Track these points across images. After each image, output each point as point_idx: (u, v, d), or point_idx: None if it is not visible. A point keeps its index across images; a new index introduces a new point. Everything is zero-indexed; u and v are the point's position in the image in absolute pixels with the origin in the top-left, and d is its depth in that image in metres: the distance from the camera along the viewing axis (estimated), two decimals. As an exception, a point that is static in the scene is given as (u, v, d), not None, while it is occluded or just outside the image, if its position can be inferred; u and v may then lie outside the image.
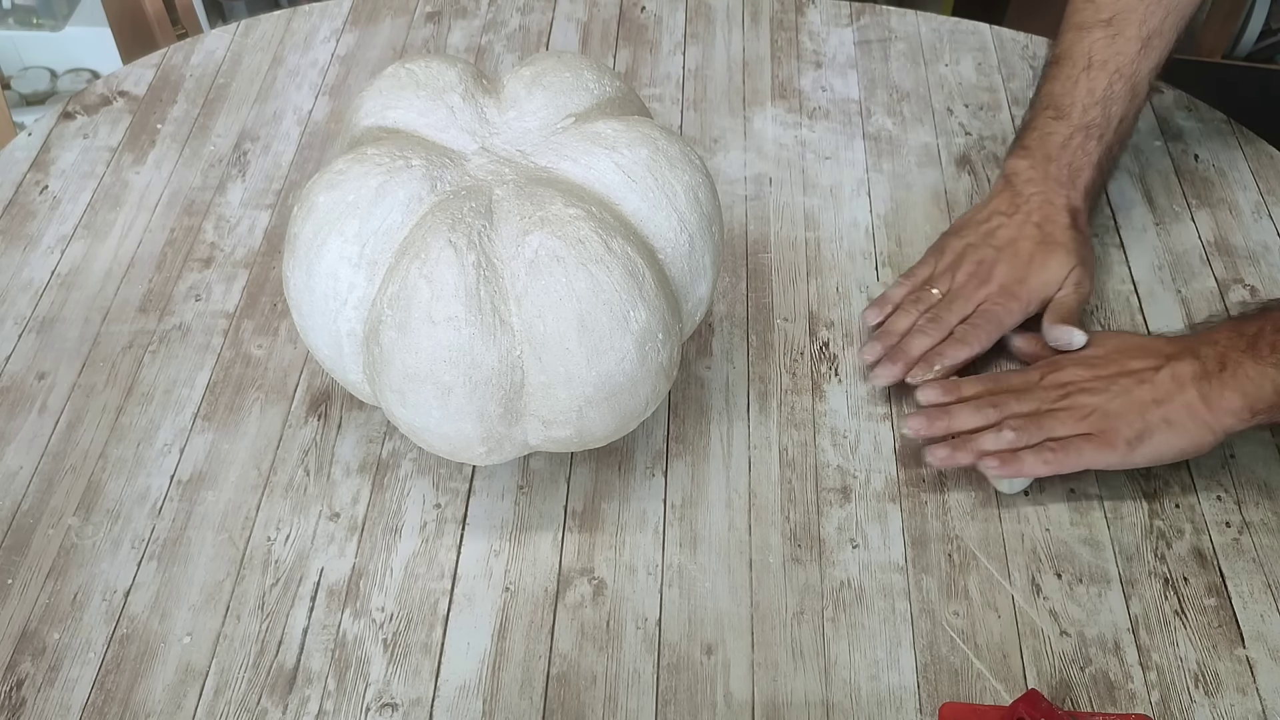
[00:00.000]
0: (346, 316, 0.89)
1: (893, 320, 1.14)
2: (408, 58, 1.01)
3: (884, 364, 1.10)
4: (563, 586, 0.97)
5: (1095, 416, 1.01)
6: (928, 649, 0.94)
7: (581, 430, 0.91)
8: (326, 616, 0.95)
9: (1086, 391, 1.03)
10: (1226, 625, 0.95)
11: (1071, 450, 1.00)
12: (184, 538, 1.00)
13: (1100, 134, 1.17)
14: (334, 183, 0.89)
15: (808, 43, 1.49)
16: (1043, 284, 1.12)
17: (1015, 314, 1.12)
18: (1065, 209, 1.15)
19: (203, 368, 1.12)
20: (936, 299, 1.14)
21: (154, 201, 1.28)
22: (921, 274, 1.17)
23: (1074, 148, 1.17)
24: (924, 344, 1.10)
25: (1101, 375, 1.03)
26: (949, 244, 1.17)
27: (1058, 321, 1.10)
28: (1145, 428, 0.99)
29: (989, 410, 1.04)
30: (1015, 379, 1.08)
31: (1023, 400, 1.04)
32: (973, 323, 1.11)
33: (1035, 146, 1.19)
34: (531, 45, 1.50)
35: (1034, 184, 1.17)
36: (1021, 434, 1.01)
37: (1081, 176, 1.17)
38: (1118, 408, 1.00)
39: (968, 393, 1.07)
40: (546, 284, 0.84)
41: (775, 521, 1.01)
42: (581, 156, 0.91)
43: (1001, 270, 1.13)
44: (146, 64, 1.47)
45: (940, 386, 1.08)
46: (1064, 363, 1.07)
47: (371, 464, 1.05)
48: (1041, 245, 1.13)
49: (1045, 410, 1.03)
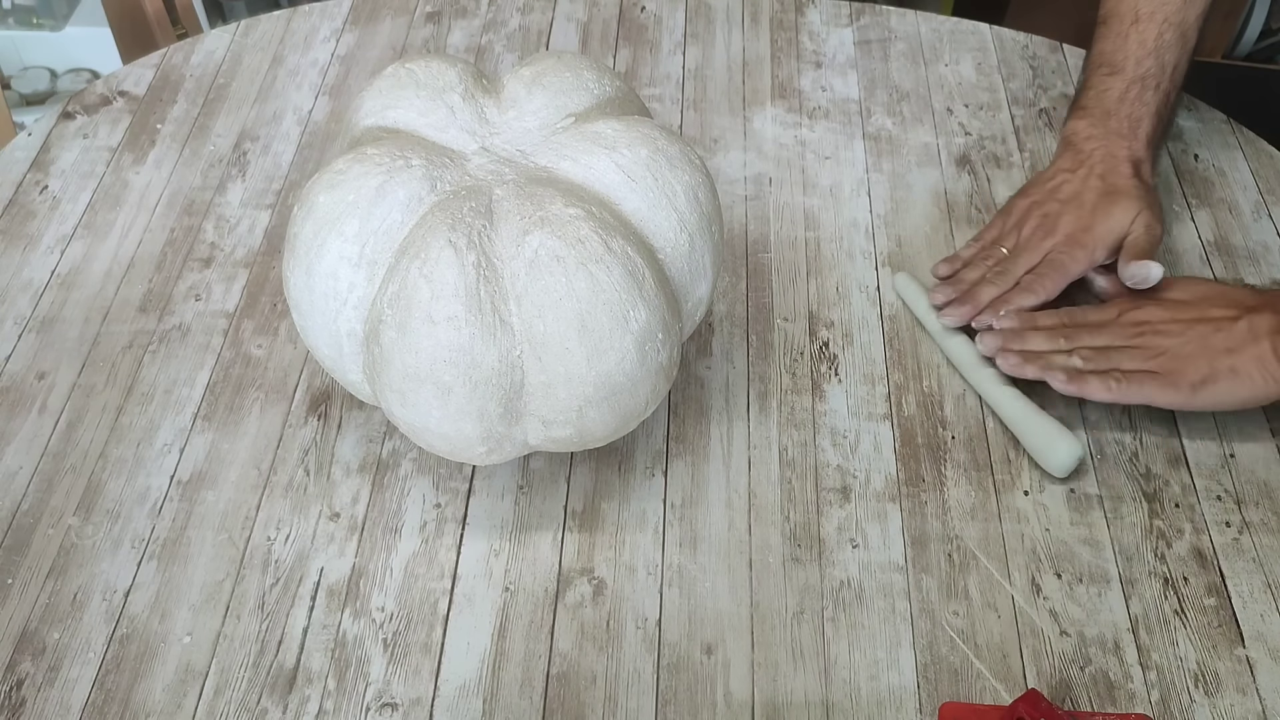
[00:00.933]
0: (346, 316, 0.89)
1: (962, 273, 1.16)
2: (408, 57, 1.01)
3: (954, 305, 1.12)
4: (563, 586, 0.97)
5: (1165, 357, 1.03)
6: (928, 649, 0.94)
7: (581, 430, 0.91)
8: (326, 616, 0.95)
9: (1161, 333, 1.05)
10: (1226, 625, 0.95)
11: (1135, 383, 1.02)
12: (184, 538, 1.00)
13: (1156, 83, 1.18)
14: (334, 182, 0.89)
15: (808, 43, 1.49)
16: (1108, 230, 1.13)
17: (1081, 262, 1.13)
18: (1128, 160, 1.16)
19: (203, 368, 1.12)
20: (1004, 255, 1.15)
21: (154, 201, 1.28)
22: (990, 234, 1.19)
23: (1131, 99, 1.18)
24: (992, 293, 1.12)
25: (1179, 319, 1.05)
26: (1015, 205, 1.19)
27: (1133, 259, 1.10)
28: (1212, 373, 1.01)
29: (1060, 340, 1.07)
30: (1092, 314, 1.10)
31: (1096, 334, 1.07)
32: (1039, 272, 1.13)
33: (1093, 105, 1.20)
34: (531, 45, 1.50)
35: (1094, 140, 1.18)
36: (1089, 362, 1.04)
37: (1142, 126, 1.18)
38: (1190, 351, 1.02)
39: (1044, 323, 1.10)
40: (546, 284, 0.84)
41: (775, 521, 1.01)
42: (581, 156, 0.91)
43: (1066, 221, 1.14)
44: (146, 64, 1.47)
45: (1017, 316, 1.10)
46: (1144, 302, 1.09)
47: (371, 464, 1.05)
48: (1105, 195, 1.14)
49: (1117, 346, 1.06)
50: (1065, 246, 1.13)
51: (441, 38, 1.51)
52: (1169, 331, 1.04)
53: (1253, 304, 1.04)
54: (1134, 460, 1.06)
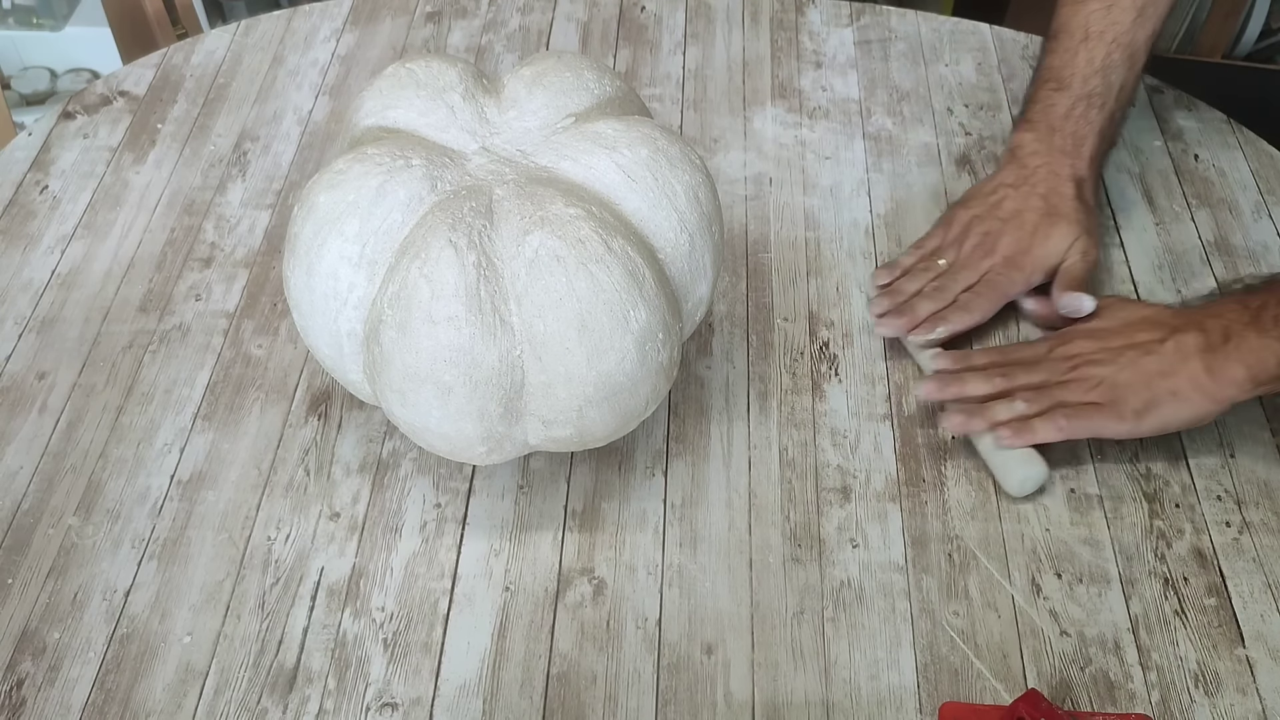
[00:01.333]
0: (347, 316, 0.89)
1: (901, 283, 1.16)
2: (408, 57, 1.01)
3: (890, 316, 1.13)
4: (563, 586, 0.97)
5: (1103, 387, 1.02)
6: (928, 649, 0.94)
7: (582, 430, 0.91)
8: (327, 616, 0.95)
9: (1094, 363, 1.04)
10: (1226, 625, 0.95)
11: (1082, 417, 1.02)
12: (184, 537, 1.00)
13: (1102, 102, 1.18)
14: (334, 182, 0.89)
15: (808, 43, 1.49)
16: (1046, 254, 1.14)
17: (1018, 284, 1.14)
18: (1070, 179, 1.17)
19: (203, 367, 1.12)
20: (943, 269, 1.16)
21: (154, 201, 1.28)
22: (930, 244, 1.19)
23: (1076, 117, 1.19)
24: (929, 308, 1.13)
25: (1109, 347, 1.05)
26: (957, 215, 1.20)
27: (1066, 289, 1.12)
28: (1152, 398, 1.00)
29: (998, 379, 1.06)
30: (1024, 351, 1.10)
31: (1032, 372, 1.06)
32: (976, 291, 1.14)
33: (1039, 119, 1.21)
34: (531, 45, 1.50)
35: (1039, 156, 1.19)
36: (1033, 404, 1.03)
37: (1086, 145, 1.19)
38: (1125, 379, 1.02)
39: (978, 362, 1.09)
40: (547, 284, 0.84)
41: (775, 521, 1.01)
42: (582, 156, 0.91)
43: (1006, 242, 1.15)
44: (146, 64, 1.47)
45: (950, 356, 1.10)
46: (1072, 335, 1.08)
47: (371, 464, 1.05)
48: (1046, 217, 1.15)
49: (1055, 382, 1.05)
50: (1003, 268, 1.14)
51: (441, 38, 1.51)
52: (1102, 360, 1.04)
53: (1176, 324, 1.04)
54: (1134, 460, 1.06)
